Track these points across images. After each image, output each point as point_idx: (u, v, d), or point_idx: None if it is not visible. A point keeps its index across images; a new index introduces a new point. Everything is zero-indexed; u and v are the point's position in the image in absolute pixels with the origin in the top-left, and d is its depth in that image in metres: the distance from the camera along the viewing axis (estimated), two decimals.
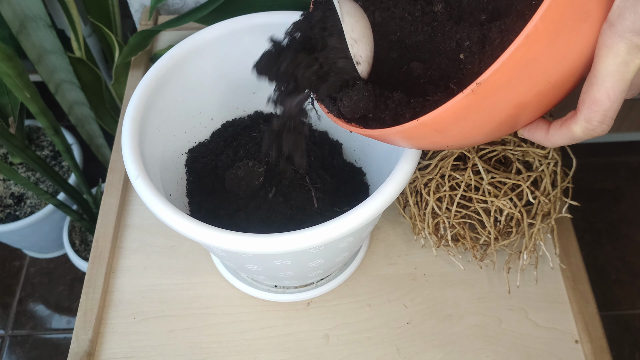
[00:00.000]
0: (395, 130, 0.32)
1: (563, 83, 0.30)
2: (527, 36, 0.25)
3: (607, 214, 1.28)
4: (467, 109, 0.28)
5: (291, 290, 0.52)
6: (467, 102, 0.28)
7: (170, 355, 0.50)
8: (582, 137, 0.31)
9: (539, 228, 0.49)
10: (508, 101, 0.29)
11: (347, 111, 0.35)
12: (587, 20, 0.27)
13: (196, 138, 0.53)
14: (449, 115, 0.29)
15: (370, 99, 0.34)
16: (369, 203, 0.38)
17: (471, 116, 0.29)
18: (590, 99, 0.29)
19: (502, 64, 0.26)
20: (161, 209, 0.38)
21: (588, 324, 0.51)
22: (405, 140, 0.34)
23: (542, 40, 0.26)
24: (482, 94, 0.27)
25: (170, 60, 0.47)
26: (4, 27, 0.74)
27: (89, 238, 1.11)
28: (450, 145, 0.34)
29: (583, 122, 0.30)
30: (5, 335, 1.14)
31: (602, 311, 1.14)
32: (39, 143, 1.09)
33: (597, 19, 0.27)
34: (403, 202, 0.54)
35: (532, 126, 0.34)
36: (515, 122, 0.32)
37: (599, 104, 0.29)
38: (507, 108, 0.30)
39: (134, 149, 0.41)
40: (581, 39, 0.28)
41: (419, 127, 0.30)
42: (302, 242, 0.36)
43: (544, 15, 0.25)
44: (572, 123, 0.31)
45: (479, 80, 0.27)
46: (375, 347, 0.50)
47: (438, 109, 0.29)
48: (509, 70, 0.26)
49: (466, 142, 0.34)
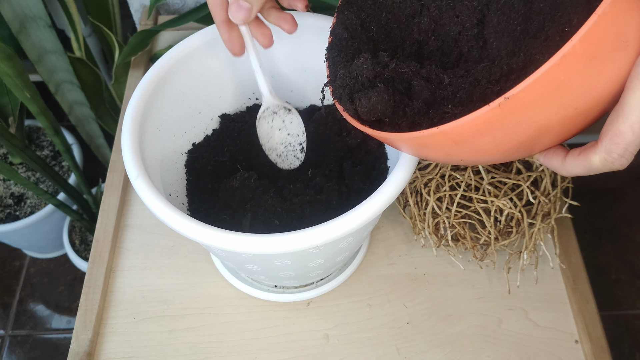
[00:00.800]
0: (413, 136, 0.31)
1: (589, 110, 0.29)
2: (563, 56, 0.25)
3: (607, 214, 1.28)
4: (490, 123, 0.28)
5: (291, 290, 0.52)
6: (491, 115, 0.27)
7: (170, 355, 0.50)
8: (600, 168, 0.30)
9: (539, 228, 0.49)
10: (532, 121, 0.28)
11: (364, 112, 0.34)
12: (624, 50, 0.27)
13: (196, 138, 0.53)
14: (471, 127, 0.28)
15: (389, 104, 0.34)
16: (368, 203, 0.38)
17: (493, 131, 0.29)
18: (613, 131, 0.28)
19: (533, 82, 0.26)
20: (161, 208, 0.38)
21: (588, 324, 0.51)
22: (420, 148, 0.33)
23: (577, 63, 0.25)
24: (509, 109, 0.27)
25: (170, 60, 0.47)
26: (4, 27, 0.74)
27: (89, 238, 1.12)
28: (465, 160, 0.34)
29: (603, 153, 0.29)
30: (5, 335, 1.14)
31: (602, 311, 1.14)
32: (39, 143, 1.09)
33: (634, 50, 0.27)
34: (403, 202, 0.54)
35: (550, 152, 0.33)
36: (535, 144, 0.31)
37: (622, 137, 0.28)
38: (531, 128, 0.29)
39: (134, 148, 0.41)
40: (615, 68, 0.27)
41: (437, 135, 0.30)
42: (302, 242, 0.36)
43: (583, 38, 0.25)
44: (591, 153, 0.30)
45: (508, 94, 0.26)
46: (375, 347, 0.50)
47: (461, 119, 0.28)
48: (539, 89, 0.26)
49: (482, 159, 0.34)
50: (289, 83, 0.54)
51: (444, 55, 0.39)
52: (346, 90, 0.36)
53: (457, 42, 0.38)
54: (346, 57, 0.38)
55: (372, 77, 0.34)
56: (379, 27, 0.40)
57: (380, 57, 0.35)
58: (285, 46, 0.50)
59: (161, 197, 0.39)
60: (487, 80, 0.31)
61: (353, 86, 0.35)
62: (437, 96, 0.33)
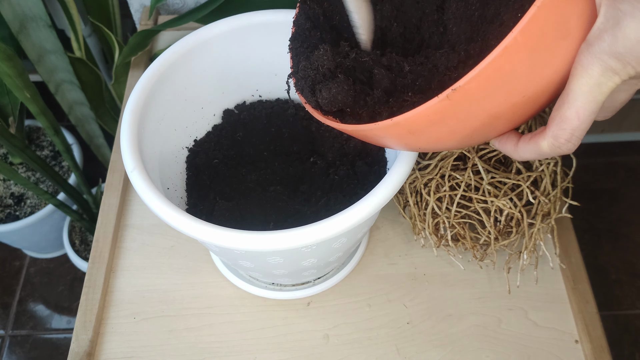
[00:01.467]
0: (369, 128, 0.32)
1: (537, 98, 0.30)
2: (505, 48, 0.25)
3: (606, 214, 1.28)
4: (441, 114, 0.29)
5: (288, 288, 0.52)
6: (441, 106, 0.28)
7: (170, 355, 0.50)
8: (548, 153, 0.31)
9: (539, 228, 0.49)
10: (482, 110, 0.29)
11: (324, 103, 0.34)
12: (567, 38, 0.27)
13: (198, 133, 0.53)
14: (423, 118, 0.29)
15: (349, 94, 0.34)
16: (361, 204, 0.38)
17: (445, 121, 0.29)
18: (560, 117, 0.29)
19: (478, 73, 0.26)
20: (154, 202, 0.38)
21: (588, 324, 0.51)
22: (378, 139, 0.34)
23: (520, 54, 0.26)
24: (457, 100, 0.27)
25: (173, 55, 0.47)
26: (4, 27, 0.74)
27: (89, 238, 1.12)
28: (423, 147, 0.34)
29: (550, 138, 0.30)
30: (5, 335, 1.14)
31: (602, 311, 1.14)
32: (39, 143, 1.09)
33: (577, 38, 0.27)
34: (403, 202, 0.54)
35: (504, 137, 0.34)
36: (489, 131, 0.32)
37: (567, 122, 0.29)
38: (481, 117, 0.30)
39: (133, 141, 0.42)
40: (559, 56, 0.28)
41: (392, 127, 0.30)
42: (293, 240, 0.37)
43: (524, 29, 0.25)
44: (540, 138, 0.31)
45: (455, 86, 0.27)
46: (375, 347, 0.50)
47: (412, 111, 0.29)
48: (485, 80, 0.26)
49: (439, 146, 0.34)
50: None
51: (406, 42, 0.39)
52: (307, 82, 0.36)
53: (418, 29, 0.39)
54: (309, 47, 0.38)
55: (332, 67, 0.34)
56: (341, 15, 0.40)
57: (342, 46, 0.35)
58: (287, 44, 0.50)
59: (156, 191, 0.39)
60: (445, 66, 0.31)
61: (314, 77, 0.35)
62: (397, 84, 0.33)
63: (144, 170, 0.40)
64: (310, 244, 0.37)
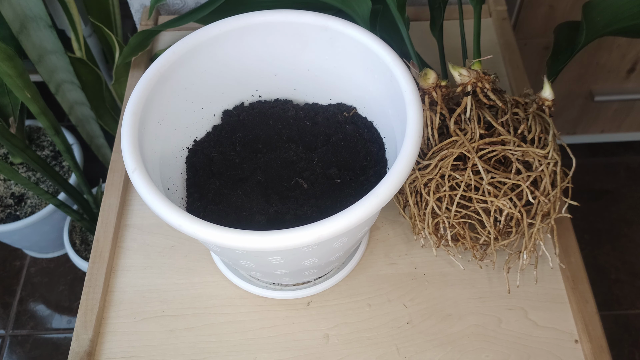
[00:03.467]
0: None
1: None
2: None
3: (606, 214, 1.28)
4: None
5: (289, 288, 0.52)
6: None
7: (170, 355, 0.50)
8: None
9: (538, 228, 0.49)
10: None
11: None
12: None
13: (198, 133, 0.53)
14: None
15: None
16: (362, 204, 0.38)
17: None
18: None
19: None
20: (155, 202, 0.38)
21: (588, 324, 0.51)
22: None
23: None
24: None
25: (173, 55, 0.47)
26: (5, 27, 0.74)
27: (89, 238, 1.12)
28: None
29: None
30: (6, 335, 1.14)
31: (601, 311, 1.14)
32: (39, 143, 1.09)
33: None
34: (403, 202, 0.54)
35: None
36: None
37: None
38: None
39: (133, 142, 0.42)
40: None
41: None
42: (294, 240, 0.37)
43: None
44: None
45: None
46: (375, 347, 0.50)
47: None
48: None
49: None
50: (291, 81, 0.54)
51: None
52: None
53: None
54: None
55: None
56: None
57: None
58: (288, 45, 0.50)
59: (156, 191, 0.39)
60: None
61: None
62: None
63: (144, 171, 0.40)
64: (311, 244, 0.37)
